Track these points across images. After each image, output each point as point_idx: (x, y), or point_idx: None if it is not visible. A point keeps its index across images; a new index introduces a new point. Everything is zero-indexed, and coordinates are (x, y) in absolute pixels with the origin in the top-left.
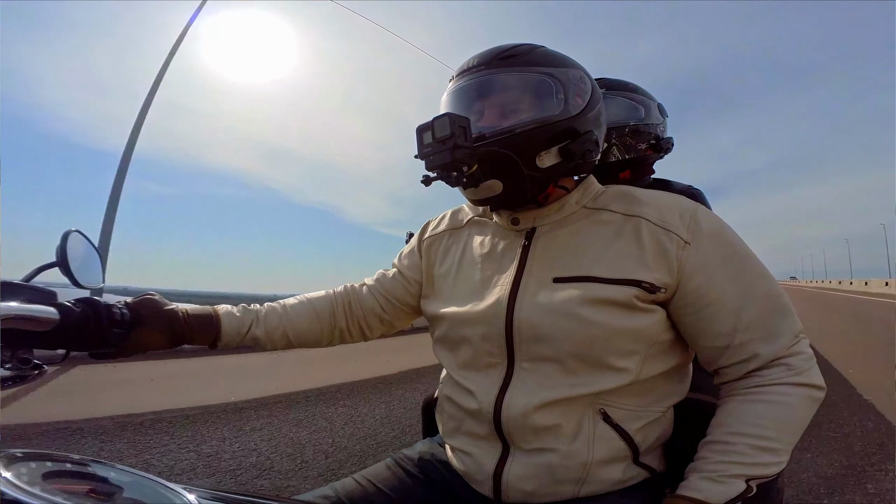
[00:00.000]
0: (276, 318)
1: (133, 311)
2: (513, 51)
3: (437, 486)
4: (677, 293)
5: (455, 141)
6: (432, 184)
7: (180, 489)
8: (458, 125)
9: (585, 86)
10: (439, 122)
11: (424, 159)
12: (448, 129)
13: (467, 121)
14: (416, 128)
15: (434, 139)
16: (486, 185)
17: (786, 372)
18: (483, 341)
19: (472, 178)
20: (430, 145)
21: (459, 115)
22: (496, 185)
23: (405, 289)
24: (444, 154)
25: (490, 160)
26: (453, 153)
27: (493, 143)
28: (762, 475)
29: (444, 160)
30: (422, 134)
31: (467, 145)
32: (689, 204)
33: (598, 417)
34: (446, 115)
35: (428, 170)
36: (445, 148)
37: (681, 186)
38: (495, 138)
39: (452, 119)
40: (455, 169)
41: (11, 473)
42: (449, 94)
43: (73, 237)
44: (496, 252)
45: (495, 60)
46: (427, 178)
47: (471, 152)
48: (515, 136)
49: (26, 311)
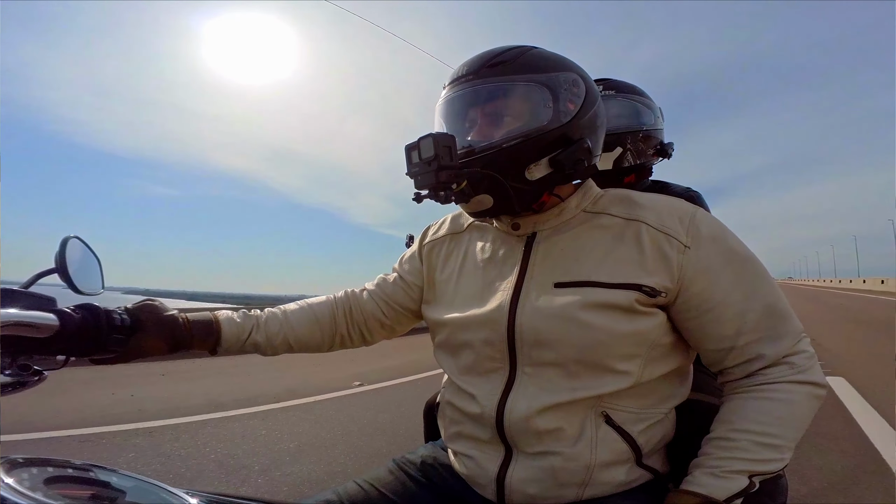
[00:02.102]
0: (277, 323)
1: (133, 317)
2: (501, 57)
3: (440, 490)
4: (679, 297)
5: (439, 162)
6: (421, 200)
7: (182, 493)
8: (442, 145)
9: (578, 89)
10: (424, 143)
11: (413, 178)
12: (432, 150)
13: (452, 139)
14: (404, 147)
15: (420, 159)
16: (476, 200)
17: (789, 370)
18: (485, 346)
19: (462, 194)
20: (418, 165)
21: (444, 133)
22: (486, 199)
23: (406, 294)
24: (429, 175)
25: (477, 178)
26: (437, 175)
27: (478, 161)
28: (765, 471)
29: (430, 181)
30: (410, 153)
31: (452, 165)
32: (688, 207)
33: (601, 420)
34: (430, 135)
35: (417, 188)
36: (430, 169)
37: (679, 189)
38: (481, 154)
39: (436, 140)
40: (441, 189)
41: (13, 479)
42: (440, 105)
43: (71, 243)
44: (497, 257)
45: (483, 68)
46: (418, 196)
47: (457, 172)
48: (501, 152)
49: (26, 317)
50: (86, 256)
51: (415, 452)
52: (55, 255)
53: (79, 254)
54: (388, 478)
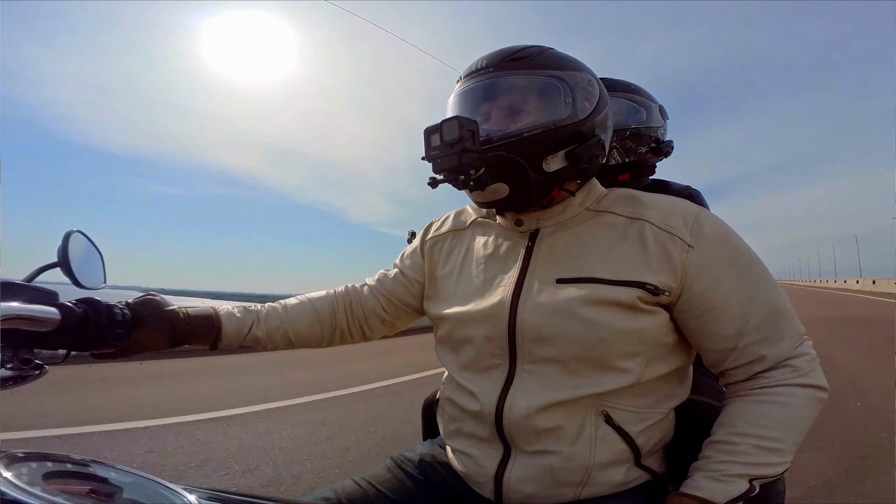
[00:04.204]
0: (277, 318)
1: (134, 312)
2: (521, 53)
3: (438, 488)
4: (682, 297)
5: (464, 144)
6: (436, 185)
7: (181, 489)
8: (466, 129)
9: (594, 89)
10: (448, 125)
11: (432, 161)
12: (457, 132)
13: (476, 124)
14: (424, 129)
15: (442, 142)
16: (492, 189)
17: (791, 373)
18: (485, 342)
19: (479, 181)
20: (438, 148)
21: (468, 118)
22: (502, 188)
23: (407, 289)
24: (452, 157)
25: (497, 164)
26: (461, 157)
27: (500, 147)
28: (766, 475)
29: (452, 164)
30: (430, 136)
31: (475, 149)
32: (692, 207)
33: (601, 419)
34: (455, 118)
35: (435, 172)
36: (454, 151)
37: (679, 187)
38: (503, 142)
39: (462, 122)
40: (462, 172)
41: (12, 474)
42: (456, 95)
43: (74, 237)
44: (499, 253)
45: (504, 62)
46: (434, 181)
47: (479, 156)
48: (523, 140)
49: (27, 311)
50: (88, 251)
51: (413, 450)
52: (58, 249)
53: (81, 248)
54: (385, 476)
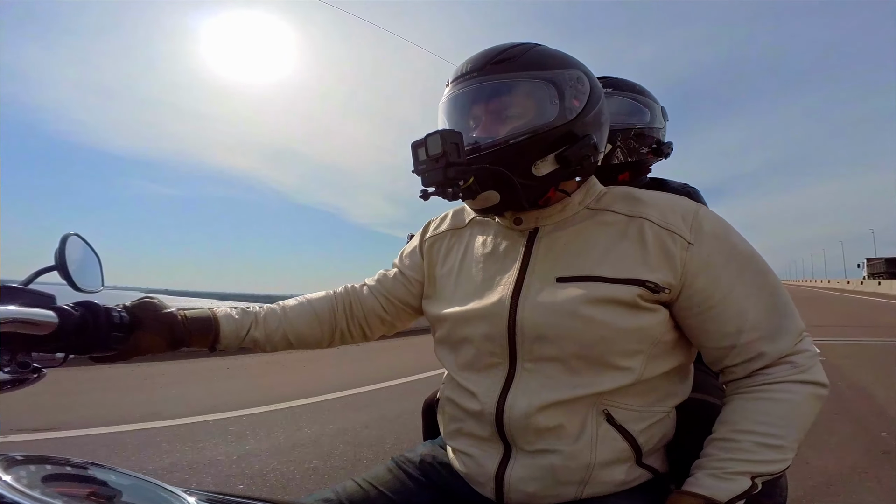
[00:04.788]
0: (276, 319)
1: (132, 315)
2: (505, 54)
3: (439, 489)
4: (682, 294)
5: (447, 159)
6: (428, 198)
7: (180, 492)
8: (450, 142)
9: (583, 86)
10: (432, 140)
11: (420, 175)
12: (440, 146)
13: (459, 136)
14: (410, 144)
15: (427, 156)
16: (483, 197)
17: (791, 370)
18: (485, 341)
19: (469, 190)
20: (425, 162)
21: (451, 130)
22: (493, 196)
23: (406, 289)
24: (437, 172)
25: (484, 174)
26: (446, 171)
27: (485, 158)
28: (767, 472)
29: (438, 178)
30: (416, 150)
31: (460, 161)
32: (691, 205)
33: (602, 418)
34: (438, 132)
35: (424, 185)
36: (438, 166)
37: (677, 185)
38: (489, 151)
39: (444, 136)
40: (449, 185)
41: (11, 477)
42: (444, 102)
43: (71, 240)
44: (498, 252)
45: (488, 66)
46: (425, 193)
47: (464, 168)
48: (509, 148)
49: (25, 314)
50: (86, 254)
51: (414, 451)
52: (55, 253)
53: (79, 251)
54: (386, 476)
